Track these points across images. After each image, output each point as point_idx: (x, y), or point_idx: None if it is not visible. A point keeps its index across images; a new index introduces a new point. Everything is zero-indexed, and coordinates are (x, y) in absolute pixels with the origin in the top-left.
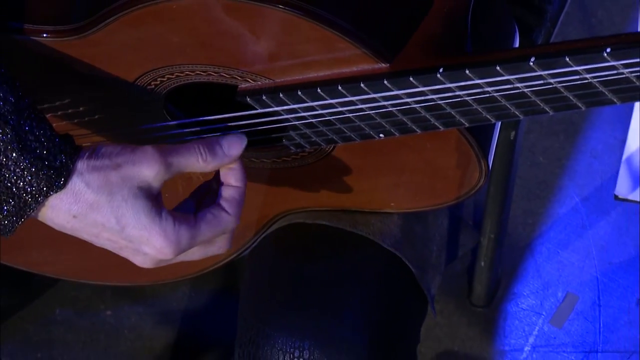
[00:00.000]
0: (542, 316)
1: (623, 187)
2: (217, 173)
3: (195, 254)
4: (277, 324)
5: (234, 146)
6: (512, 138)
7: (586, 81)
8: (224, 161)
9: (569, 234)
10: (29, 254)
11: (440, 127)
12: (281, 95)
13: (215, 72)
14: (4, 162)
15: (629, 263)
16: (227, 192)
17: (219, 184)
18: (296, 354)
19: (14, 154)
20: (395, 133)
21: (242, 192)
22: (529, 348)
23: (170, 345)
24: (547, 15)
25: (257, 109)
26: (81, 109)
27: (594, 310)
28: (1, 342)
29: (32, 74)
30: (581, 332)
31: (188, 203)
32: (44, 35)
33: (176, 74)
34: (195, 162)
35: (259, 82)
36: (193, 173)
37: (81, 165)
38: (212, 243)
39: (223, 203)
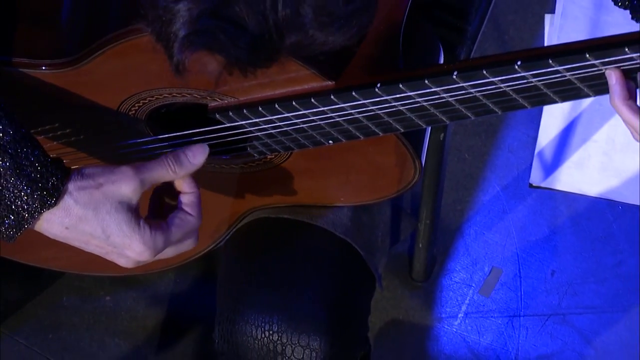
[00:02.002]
0: (472, 287)
1: (536, 177)
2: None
3: (168, 252)
4: (250, 303)
5: (198, 155)
6: (441, 139)
7: (501, 90)
8: (190, 169)
9: (492, 218)
10: (38, 252)
11: (379, 132)
12: (245, 111)
13: (188, 94)
14: (4, 185)
15: (544, 240)
16: (186, 198)
17: (176, 192)
18: (267, 327)
19: (12, 179)
20: (342, 139)
21: (198, 195)
22: (462, 315)
23: (160, 323)
24: (467, 34)
25: (225, 124)
26: (71, 129)
27: (516, 281)
28: (18, 326)
29: (27, 102)
30: (506, 300)
31: (150, 209)
32: (43, 67)
33: (156, 96)
34: (166, 173)
35: (226, 101)
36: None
37: (71, 186)
38: (182, 242)
39: (186, 208)
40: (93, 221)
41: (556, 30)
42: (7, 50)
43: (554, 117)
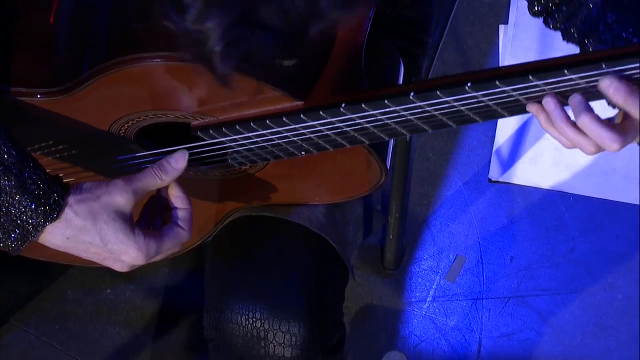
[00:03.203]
0: (439, 274)
1: (495, 172)
2: (166, 199)
3: (157, 258)
4: (235, 293)
5: (180, 161)
6: (408, 140)
7: (455, 109)
8: (175, 174)
9: (455, 210)
10: (46, 248)
11: (347, 145)
12: (224, 129)
13: (172, 115)
14: (10, 202)
15: (503, 230)
16: (180, 214)
17: (172, 208)
18: (250, 315)
19: (17, 196)
20: (314, 151)
21: (191, 212)
22: (430, 299)
23: (156, 313)
24: (429, 46)
25: (207, 140)
26: (67, 149)
27: (479, 267)
28: (27, 319)
29: (27, 126)
30: (470, 285)
31: (142, 219)
32: (39, 96)
33: (143, 117)
34: (154, 181)
35: (207, 120)
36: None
37: (71, 200)
38: (170, 250)
39: (180, 222)
40: (92, 231)
41: (510, 40)
42: (6, 81)
43: (509, 118)
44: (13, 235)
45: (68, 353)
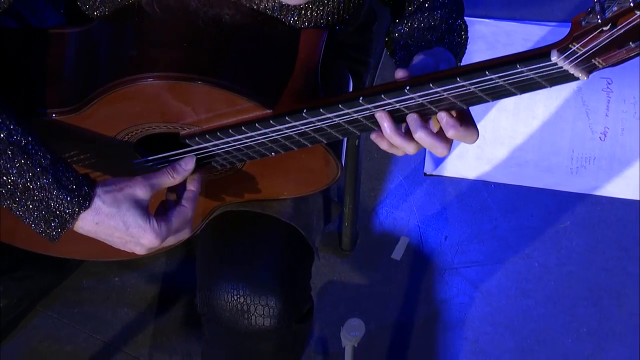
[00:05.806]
0: (387, 253)
1: (429, 167)
2: (174, 198)
3: (170, 241)
4: (221, 276)
5: (189, 163)
6: (357, 144)
7: (395, 107)
8: (185, 174)
9: (398, 200)
10: (64, 246)
11: (308, 144)
12: (207, 136)
13: (164, 126)
14: (49, 196)
15: (437, 214)
16: (186, 194)
17: (182, 189)
18: (234, 293)
19: (55, 191)
20: (281, 151)
21: (195, 193)
22: (380, 274)
23: (157, 295)
24: (370, 65)
25: (193, 146)
26: (80, 159)
27: (419, 246)
28: (50, 304)
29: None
30: (412, 261)
31: (157, 212)
32: (53, 115)
33: (140, 129)
34: (167, 179)
35: (192, 129)
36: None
37: (99, 191)
38: (180, 231)
39: (183, 202)
40: (116, 216)
41: None
42: (24, 105)
43: None
44: (53, 224)
45: (85, 331)
